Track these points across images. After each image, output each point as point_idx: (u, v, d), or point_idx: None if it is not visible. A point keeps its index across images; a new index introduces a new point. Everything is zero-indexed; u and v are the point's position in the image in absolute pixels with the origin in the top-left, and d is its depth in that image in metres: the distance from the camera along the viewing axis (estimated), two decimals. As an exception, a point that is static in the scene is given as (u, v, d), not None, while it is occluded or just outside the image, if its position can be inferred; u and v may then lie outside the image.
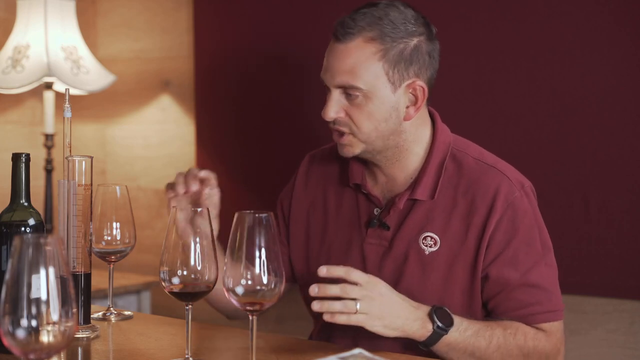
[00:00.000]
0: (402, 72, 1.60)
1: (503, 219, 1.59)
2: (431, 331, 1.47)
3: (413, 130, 1.66)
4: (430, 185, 1.64)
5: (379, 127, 1.61)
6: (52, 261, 0.96)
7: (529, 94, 2.12)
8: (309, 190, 1.81)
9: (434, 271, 1.61)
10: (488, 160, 1.66)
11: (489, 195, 1.60)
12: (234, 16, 2.65)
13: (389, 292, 1.46)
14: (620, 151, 2.02)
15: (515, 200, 1.60)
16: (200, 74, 2.73)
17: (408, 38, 1.60)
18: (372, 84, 1.58)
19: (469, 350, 1.51)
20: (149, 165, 2.88)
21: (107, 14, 2.98)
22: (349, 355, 1.34)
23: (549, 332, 1.59)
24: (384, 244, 1.66)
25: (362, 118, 1.60)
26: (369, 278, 1.45)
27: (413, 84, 1.61)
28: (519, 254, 1.59)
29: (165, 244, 1.32)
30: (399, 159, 1.67)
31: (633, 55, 2.00)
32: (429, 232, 1.62)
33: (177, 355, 1.39)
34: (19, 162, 1.43)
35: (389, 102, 1.60)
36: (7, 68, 2.60)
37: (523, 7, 2.13)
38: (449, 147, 1.67)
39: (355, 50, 1.58)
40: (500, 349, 1.53)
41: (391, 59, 1.58)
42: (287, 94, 2.53)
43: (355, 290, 1.42)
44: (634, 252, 2.01)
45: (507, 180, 1.62)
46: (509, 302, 1.59)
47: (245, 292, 1.22)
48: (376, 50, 1.58)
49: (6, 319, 0.95)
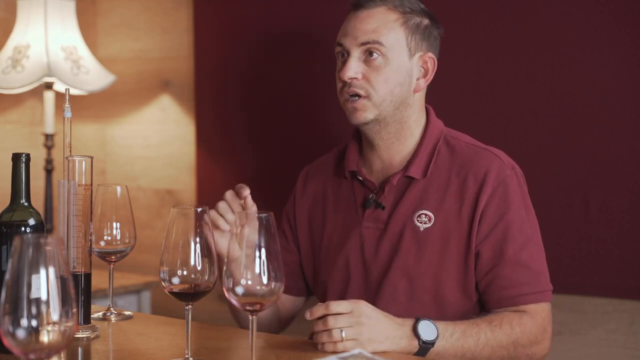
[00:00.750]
0: (417, 42, 1.72)
1: (495, 195, 1.64)
2: (417, 347, 1.49)
3: (417, 111, 1.74)
4: (424, 164, 1.71)
5: (394, 91, 1.69)
6: (52, 261, 0.96)
7: (529, 94, 2.12)
8: (307, 195, 1.87)
9: (429, 247, 1.65)
10: (480, 145, 1.74)
11: (481, 172, 1.66)
12: (234, 16, 2.65)
13: (375, 313, 1.47)
14: (620, 151, 2.02)
15: (507, 178, 1.66)
16: (200, 74, 2.73)
17: (423, 15, 1.74)
18: (393, 44, 1.69)
19: (459, 352, 1.54)
20: (149, 165, 2.88)
21: (107, 14, 2.97)
22: (349, 355, 1.34)
23: (533, 313, 1.62)
24: (380, 227, 1.71)
25: (380, 80, 1.68)
26: (352, 305, 1.44)
27: (425, 56, 1.73)
28: (511, 231, 1.63)
29: (165, 244, 1.32)
30: (399, 138, 1.73)
31: (633, 55, 2.00)
32: (424, 210, 1.68)
33: (177, 355, 1.39)
34: (19, 162, 1.43)
35: (405, 67, 1.70)
36: (7, 68, 2.60)
37: (523, 7, 2.13)
38: (441, 133, 1.75)
39: (380, 14, 1.70)
40: (490, 343, 1.56)
41: (410, 27, 1.71)
42: (287, 94, 2.53)
43: (339, 320, 1.42)
44: (634, 252, 2.01)
45: (499, 160, 1.68)
46: (499, 279, 1.63)
47: (245, 292, 1.22)
48: (398, 17, 1.70)
49: (6, 319, 0.95)
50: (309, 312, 1.45)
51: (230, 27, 2.65)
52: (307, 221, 1.85)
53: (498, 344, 1.56)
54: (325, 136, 2.43)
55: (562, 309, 2.05)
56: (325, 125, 2.43)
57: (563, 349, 2.07)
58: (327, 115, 2.40)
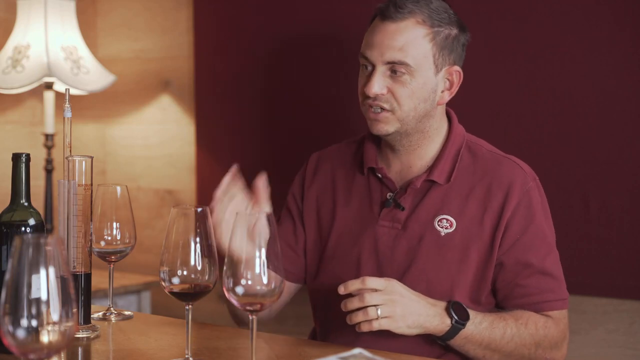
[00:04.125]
0: (445, 57, 1.68)
1: (520, 205, 1.65)
2: (450, 326, 1.52)
3: (438, 120, 1.73)
4: (448, 169, 1.70)
5: (418, 107, 1.67)
6: (52, 261, 0.96)
7: (529, 94, 2.12)
8: (317, 181, 1.84)
9: (449, 252, 1.65)
10: (501, 153, 1.74)
11: (505, 182, 1.66)
12: (234, 16, 2.65)
13: (407, 292, 1.50)
14: (620, 151, 2.02)
15: (531, 190, 1.67)
16: (200, 74, 2.73)
17: (451, 26, 1.69)
18: (420, 63, 1.65)
19: (485, 342, 1.55)
20: (149, 165, 2.88)
21: (107, 14, 2.97)
22: (349, 355, 1.34)
23: (557, 320, 1.64)
24: (396, 226, 1.70)
25: (405, 95, 1.66)
26: (386, 282, 1.48)
27: (451, 69, 1.70)
28: (535, 241, 1.65)
29: (165, 244, 1.32)
30: (420, 146, 1.73)
31: (633, 55, 2.00)
32: (445, 215, 1.67)
33: (177, 355, 1.39)
34: (19, 162, 1.43)
35: (430, 84, 1.67)
36: (7, 68, 2.60)
37: (523, 7, 2.13)
38: (464, 139, 1.75)
39: (408, 30, 1.65)
40: (514, 339, 1.57)
41: (439, 42, 1.66)
42: (287, 93, 2.53)
43: (374, 297, 1.45)
44: (634, 252, 2.01)
45: (522, 171, 1.69)
46: (524, 288, 1.64)
47: (245, 292, 1.22)
48: (427, 33, 1.65)
49: (6, 319, 0.95)
50: (343, 286, 1.47)
51: (230, 27, 2.65)
52: (315, 207, 1.82)
53: (522, 341, 1.58)
54: (326, 135, 2.42)
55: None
56: (326, 125, 2.43)
57: (563, 349, 2.07)
58: (328, 115, 2.40)
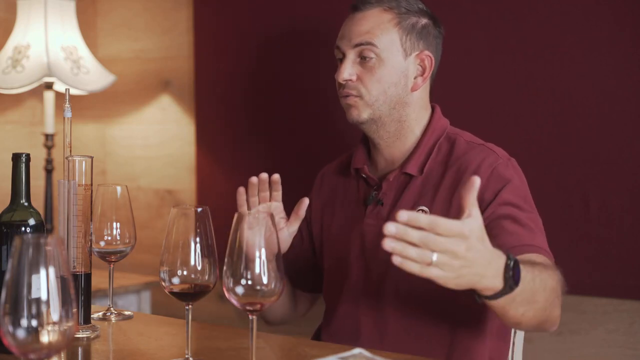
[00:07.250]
0: (413, 42, 1.72)
1: (490, 180, 1.61)
2: (500, 287, 1.30)
3: (417, 109, 1.74)
4: (421, 161, 1.71)
5: (388, 91, 1.70)
6: (52, 261, 0.96)
7: (529, 94, 2.12)
8: (322, 196, 1.89)
9: None
10: (478, 141, 1.72)
11: (474, 164, 1.64)
12: (234, 16, 2.65)
13: (477, 247, 1.23)
14: (620, 151, 2.02)
15: (499, 167, 1.63)
16: (200, 74, 2.73)
17: (420, 15, 1.74)
18: (387, 47, 1.69)
19: (527, 298, 1.37)
20: (149, 165, 2.88)
21: (107, 14, 2.97)
22: (349, 355, 1.34)
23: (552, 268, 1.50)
24: (380, 224, 1.66)
25: (373, 81, 1.69)
26: (459, 230, 1.20)
27: (421, 54, 1.73)
28: (510, 197, 1.58)
29: (165, 244, 1.32)
30: (399, 137, 1.74)
31: (633, 55, 2.00)
32: (422, 206, 1.68)
33: (177, 355, 1.39)
34: (19, 162, 1.43)
35: (399, 68, 1.71)
36: (7, 68, 2.60)
37: (523, 7, 2.13)
38: (444, 130, 1.75)
39: (373, 16, 1.71)
40: (543, 284, 1.41)
41: (405, 27, 1.71)
42: (287, 93, 2.53)
43: (438, 242, 1.19)
44: (634, 252, 2.01)
45: (493, 153, 1.67)
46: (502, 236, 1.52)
47: (245, 292, 1.22)
48: (392, 18, 1.71)
49: (6, 319, 0.95)
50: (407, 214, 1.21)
51: (230, 27, 2.65)
52: (320, 220, 1.87)
53: (549, 286, 1.43)
54: (326, 135, 2.43)
55: (562, 308, 2.05)
56: (326, 125, 2.43)
57: (563, 348, 2.07)
58: (328, 114, 2.40)
